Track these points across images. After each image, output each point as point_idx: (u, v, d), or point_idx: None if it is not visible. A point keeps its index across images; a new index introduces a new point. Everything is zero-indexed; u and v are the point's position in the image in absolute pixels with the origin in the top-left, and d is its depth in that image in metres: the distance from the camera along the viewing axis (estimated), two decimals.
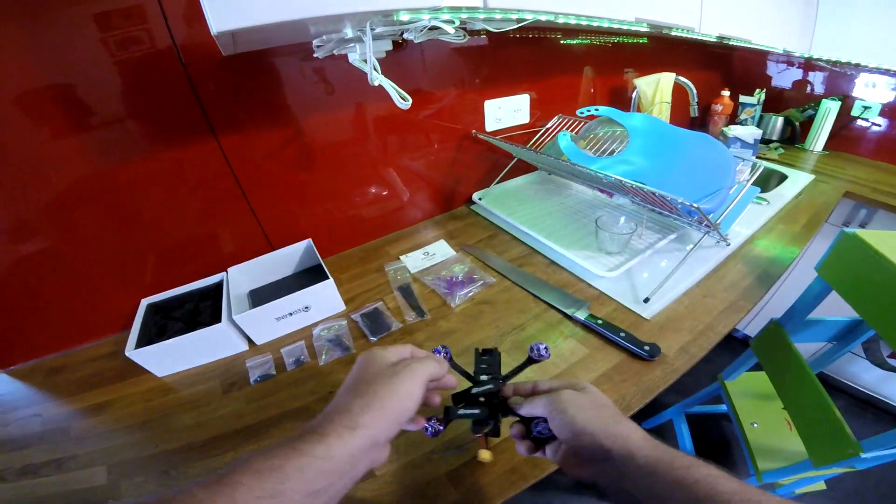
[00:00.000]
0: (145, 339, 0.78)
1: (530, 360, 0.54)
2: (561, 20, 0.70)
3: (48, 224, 0.78)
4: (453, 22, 0.57)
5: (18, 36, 0.63)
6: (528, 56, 1.20)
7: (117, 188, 0.80)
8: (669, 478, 0.36)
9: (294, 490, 0.32)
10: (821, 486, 1.15)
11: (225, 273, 0.92)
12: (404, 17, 0.51)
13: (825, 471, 0.92)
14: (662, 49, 1.53)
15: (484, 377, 0.53)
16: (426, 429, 0.48)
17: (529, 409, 0.48)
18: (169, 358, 0.78)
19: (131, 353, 0.74)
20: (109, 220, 0.82)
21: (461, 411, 0.50)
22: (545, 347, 0.53)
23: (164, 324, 0.84)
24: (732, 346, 1.94)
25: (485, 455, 0.51)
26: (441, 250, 1.06)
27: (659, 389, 0.66)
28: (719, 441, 1.61)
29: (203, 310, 0.87)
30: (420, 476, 0.57)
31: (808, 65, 1.66)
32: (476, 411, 0.50)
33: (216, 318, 0.79)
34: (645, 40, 1.46)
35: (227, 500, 0.29)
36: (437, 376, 0.46)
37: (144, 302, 0.87)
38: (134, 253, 0.87)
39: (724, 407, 1.26)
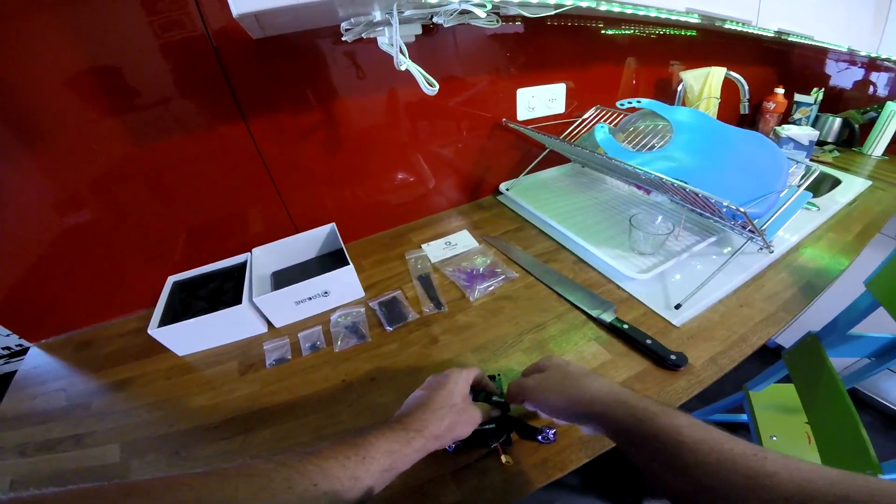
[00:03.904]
0: (169, 317, 0.80)
1: None
2: (603, 7, 0.66)
3: (91, 199, 0.81)
4: (485, 5, 0.54)
5: (67, 20, 0.65)
6: (567, 45, 1.15)
7: (152, 168, 0.82)
8: (639, 430, 0.41)
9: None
10: None
11: (249, 254, 0.92)
12: None
13: None
14: (713, 42, 1.44)
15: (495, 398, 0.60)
16: (448, 447, 0.56)
17: (514, 401, 0.56)
18: (190, 337, 0.80)
19: (153, 331, 0.75)
20: (144, 198, 0.85)
21: (479, 426, 0.55)
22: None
23: (189, 302, 0.85)
24: (763, 355, 1.86)
25: (506, 459, 0.55)
26: (463, 241, 1.04)
27: (681, 401, 0.63)
28: None
29: (227, 289, 0.88)
30: (424, 474, 0.56)
31: (873, 65, 1.54)
32: (491, 425, 0.57)
33: (238, 299, 0.79)
34: (694, 33, 1.38)
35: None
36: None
37: (171, 279, 0.88)
38: (165, 230, 0.90)
39: (744, 417, 1.23)
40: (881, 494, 0.26)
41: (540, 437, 0.57)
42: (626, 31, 1.24)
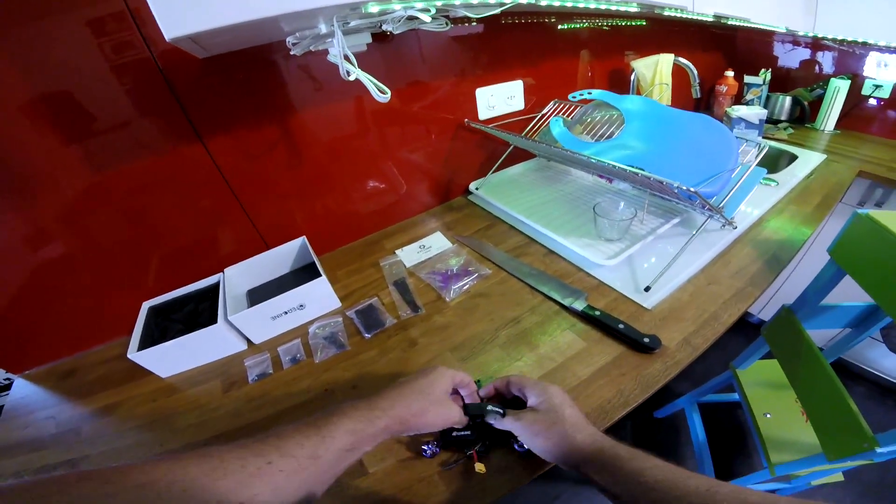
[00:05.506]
0: (148, 342, 0.79)
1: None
2: (545, 2, 0.68)
3: (61, 231, 0.80)
4: (429, 10, 0.55)
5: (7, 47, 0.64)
6: (524, 42, 1.17)
7: (116, 194, 0.81)
8: (608, 475, 0.45)
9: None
10: (838, 477, 1.10)
11: (221, 274, 0.92)
12: (374, 8, 0.50)
13: (841, 464, 0.88)
14: (663, 31, 1.49)
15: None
16: (425, 451, 0.58)
17: (502, 426, 0.55)
18: (170, 359, 0.80)
19: (133, 355, 0.75)
20: (111, 225, 0.84)
21: (455, 434, 0.58)
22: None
23: (166, 325, 0.85)
24: (747, 331, 1.89)
25: (479, 467, 0.56)
26: (437, 243, 1.05)
27: (659, 384, 0.64)
28: (733, 431, 1.57)
29: (202, 311, 0.87)
30: (411, 474, 0.57)
31: (816, 44, 1.61)
32: (467, 433, 0.58)
33: (214, 319, 0.79)
34: (644, 22, 1.42)
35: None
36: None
37: (146, 305, 0.88)
38: (136, 256, 0.89)
39: (736, 396, 1.23)
40: None
41: (517, 446, 0.58)
42: (580, 25, 1.27)
